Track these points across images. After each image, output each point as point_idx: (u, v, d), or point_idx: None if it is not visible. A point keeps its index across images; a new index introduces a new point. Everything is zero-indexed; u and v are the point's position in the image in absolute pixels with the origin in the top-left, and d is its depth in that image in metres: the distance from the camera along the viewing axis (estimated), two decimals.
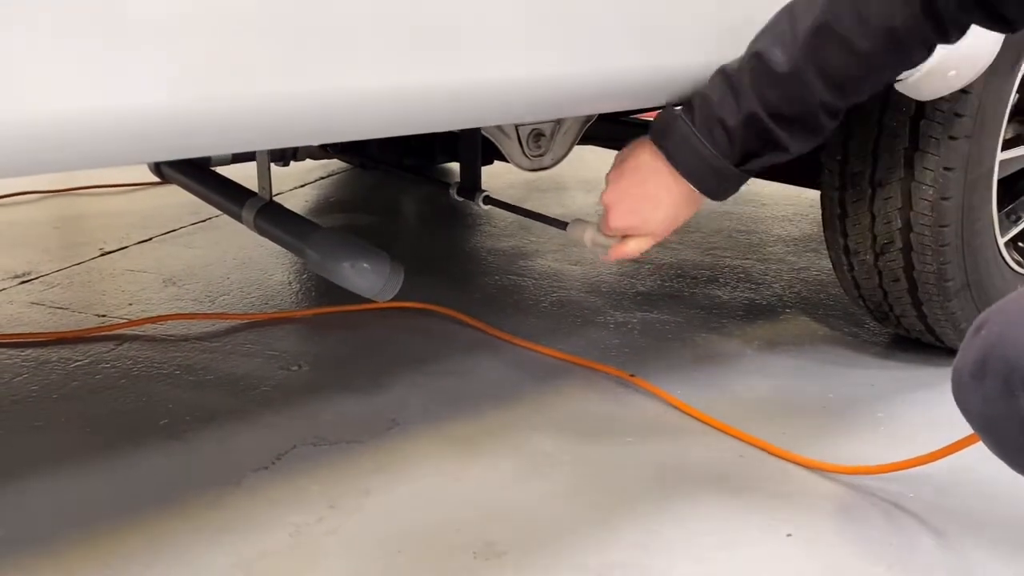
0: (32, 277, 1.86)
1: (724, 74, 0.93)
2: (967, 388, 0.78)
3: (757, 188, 2.53)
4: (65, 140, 0.60)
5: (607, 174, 1.04)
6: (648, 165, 0.97)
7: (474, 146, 1.34)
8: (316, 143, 0.72)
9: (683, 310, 1.69)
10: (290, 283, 1.86)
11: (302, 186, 2.65)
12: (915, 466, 1.08)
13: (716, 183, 0.96)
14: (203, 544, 1.01)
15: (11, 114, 0.59)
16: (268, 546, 1.01)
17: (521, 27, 0.80)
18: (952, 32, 0.89)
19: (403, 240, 2.25)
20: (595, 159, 2.61)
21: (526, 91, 0.85)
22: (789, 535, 1.03)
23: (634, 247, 1.04)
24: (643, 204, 0.99)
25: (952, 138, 1.25)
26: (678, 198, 0.97)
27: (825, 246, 1.49)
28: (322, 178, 2.74)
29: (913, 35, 0.87)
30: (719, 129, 0.92)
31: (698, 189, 0.97)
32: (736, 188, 0.98)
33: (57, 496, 1.10)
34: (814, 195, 2.03)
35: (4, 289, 1.79)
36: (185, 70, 0.63)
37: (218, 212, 1.67)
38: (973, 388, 0.76)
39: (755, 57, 0.91)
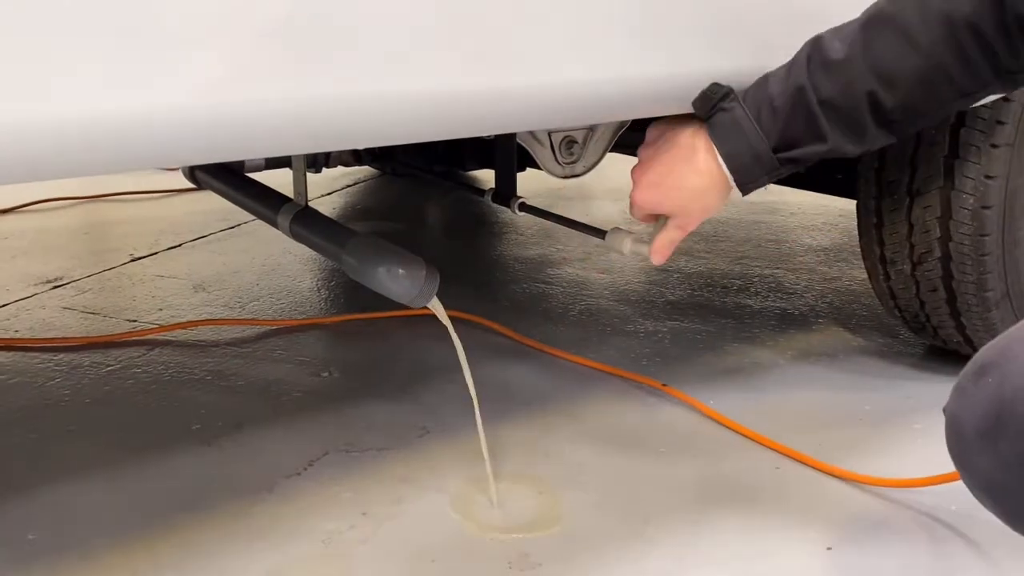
0: (64, 282, 1.87)
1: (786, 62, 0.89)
2: (972, 447, 0.68)
3: (787, 197, 2.51)
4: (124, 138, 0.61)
5: (639, 149, 0.98)
6: (686, 143, 0.91)
7: (510, 153, 1.34)
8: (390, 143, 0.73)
9: (714, 319, 1.67)
10: (319, 289, 1.86)
11: (329, 194, 2.66)
12: (955, 479, 1.05)
13: (749, 166, 0.89)
14: (236, 551, 1.01)
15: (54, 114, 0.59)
16: (301, 553, 1.00)
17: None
18: (1015, 42, 0.80)
19: (430, 247, 2.25)
20: (623, 167, 2.59)
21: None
22: (829, 548, 1.01)
23: (665, 239, 0.97)
24: (667, 178, 0.93)
25: (994, 146, 1.23)
26: (707, 180, 0.90)
27: (858, 256, 1.47)
28: (348, 186, 2.75)
29: (974, 31, 0.79)
30: (767, 108, 0.87)
31: (730, 170, 0.89)
32: (765, 180, 0.90)
33: (89, 501, 1.10)
34: (844, 204, 2.01)
35: (36, 294, 1.80)
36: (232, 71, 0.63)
37: (248, 218, 1.68)
38: (981, 448, 0.67)
39: (813, 42, 0.86)
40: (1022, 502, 0.67)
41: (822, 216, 2.37)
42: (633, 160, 1.01)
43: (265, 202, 1.12)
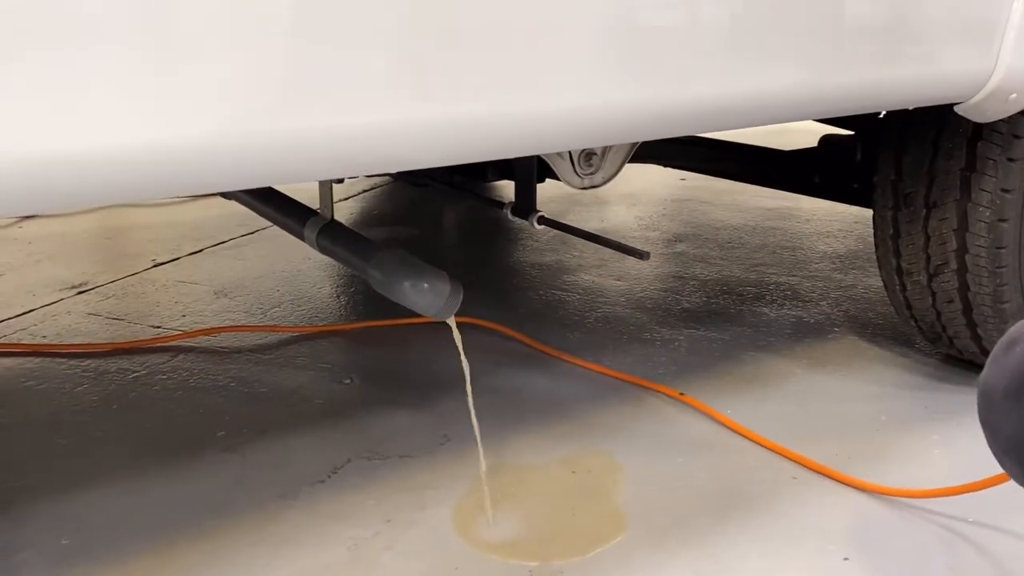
0: (88, 288, 1.91)
1: None
2: (999, 408, 0.75)
3: (801, 204, 2.52)
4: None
5: None
6: None
7: (530, 167, 1.35)
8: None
9: (730, 327, 1.68)
10: (339, 296, 1.88)
11: (346, 199, 2.69)
12: (972, 491, 1.07)
13: None
14: (263, 557, 1.03)
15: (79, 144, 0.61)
16: (327, 560, 1.02)
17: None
18: None
19: (446, 254, 2.27)
20: (638, 175, 2.61)
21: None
22: (846, 559, 1.02)
23: None
24: None
25: (1011, 160, 1.24)
26: None
27: (874, 263, 1.48)
28: (365, 191, 2.78)
29: None
30: None
31: None
32: None
33: (119, 507, 1.12)
34: (858, 211, 2.02)
35: (62, 299, 1.83)
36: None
37: (267, 223, 1.69)
38: (1007, 409, 0.74)
39: None
40: None
41: (837, 222, 2.37)
42: (645, 168, 1.03)
43: (291, 215, 1.14)
